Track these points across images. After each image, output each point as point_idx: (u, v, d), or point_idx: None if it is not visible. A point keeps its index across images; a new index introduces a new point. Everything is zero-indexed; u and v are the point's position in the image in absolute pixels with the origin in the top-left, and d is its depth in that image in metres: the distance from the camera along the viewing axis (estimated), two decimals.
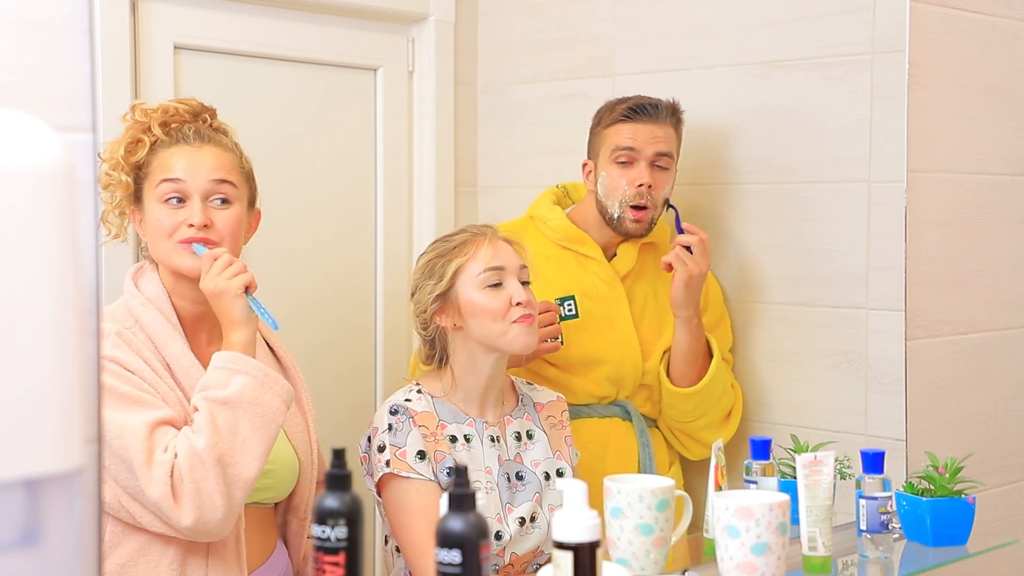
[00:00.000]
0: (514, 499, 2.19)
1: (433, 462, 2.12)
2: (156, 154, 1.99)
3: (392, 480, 2.13)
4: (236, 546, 1.94)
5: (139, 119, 2.00)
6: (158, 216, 1.97)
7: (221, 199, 1.99)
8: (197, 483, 1.80)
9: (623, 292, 2.54)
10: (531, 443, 2.25)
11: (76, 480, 1.26)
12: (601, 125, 2.49)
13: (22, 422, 1.20)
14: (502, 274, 2.17)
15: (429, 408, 2.17)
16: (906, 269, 2.43)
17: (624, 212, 2.46)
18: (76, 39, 1.41)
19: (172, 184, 1.97)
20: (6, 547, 1.22)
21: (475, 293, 2.16)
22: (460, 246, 2.18)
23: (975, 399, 2.63)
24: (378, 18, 2.81)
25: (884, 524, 2.05)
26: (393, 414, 2.15)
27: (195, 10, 2.50)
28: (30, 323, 1.20)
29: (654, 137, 2.45)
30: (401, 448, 2.12)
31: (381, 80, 2.82)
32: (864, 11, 2.45)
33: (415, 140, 2.89)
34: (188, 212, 1.96)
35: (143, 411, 1.83)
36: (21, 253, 1.19)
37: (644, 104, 2.46)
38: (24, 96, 1.38)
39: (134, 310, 1.96)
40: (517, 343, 2.16)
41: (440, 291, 2.17)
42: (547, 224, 2.56)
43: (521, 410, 2.28)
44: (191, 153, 1.99)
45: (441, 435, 2.16)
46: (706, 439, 2.53)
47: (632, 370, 2.51)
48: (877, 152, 2.46)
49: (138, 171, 1.99)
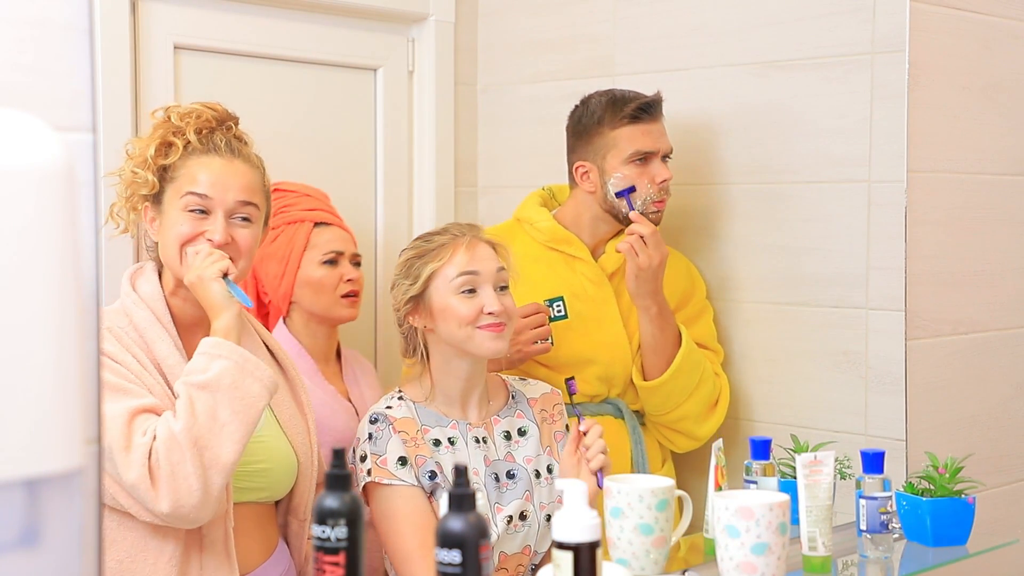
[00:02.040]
0: (503, 498, 2.18)
1: (415, 467, 2.12)
2: (186, 160, 1.99)
3: (375, 488, 2.12)
4: (225, 544, 1.95)
5: (175, 123, 1.99)
6: (178, 224, 1.98)
7: (243, 217, 2.00)
8: (173, 465, 1.81)
9: (611, 291, 2.55)
10: (523, 440, 2.24)
11: (76, 480, 1.26)
12: (604, 125, 2.49)
13: (22, 422, 1.20)
14: (476, 280, 2.15)
15: (410, 414, 2.17)
16: (906, 269, 2.43)
17: (647, 208, 2.48)
18: (76, 39, 1.41)
19: (198, 198, 1.98)
20: (6, 547, 1.22)
21: (448, 298, 2.15)
22: (438, 249, 2.17)
23: (975, 399, 2.63)
24: (378, 18, 2.82)
25: (884, 524, 2.05)
26: (373, 423, 2.15)
27: (195, 10, 2.50)
28: (30, 323, 1.20)
29: (662, 134, 2.51)
30: (382, 456, 2.11)
31: (381, 80, 2.82)
32: (864, 11, 2.45)
33: (415, 140, 2.89)
34: (210, 226, 1.97)
35: (126, 399, 1.84)
36: (21, 253, 1.19)
37: (649, 103, 2.48)
38: (24, 96, 1.38)
39: (128, 309, 1.97)
40: (483, 348, 2.15)
41: (414, 293, 2.16)
42: (534, 226, 2.57)
43: (511, 408, 2.27)
44: (222, 167, 1.99)
45: (423, 440, 2.15)
46: (689, 431, 2.54)
47: (622, 368, 2.52)
48: (877, 152, 2.46)
49: (163, 173, 2.00)
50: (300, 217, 2.46)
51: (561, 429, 2.28)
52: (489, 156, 2.95)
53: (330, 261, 2.47)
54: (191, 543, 1.92)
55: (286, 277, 2.46)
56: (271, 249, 2.45)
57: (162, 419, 1.84)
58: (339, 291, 2.47)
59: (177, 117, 2.00)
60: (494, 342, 2.15)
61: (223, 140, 2.02)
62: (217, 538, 1.94)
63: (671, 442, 2.59)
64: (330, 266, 2.47)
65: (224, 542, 1.95)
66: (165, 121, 2.01)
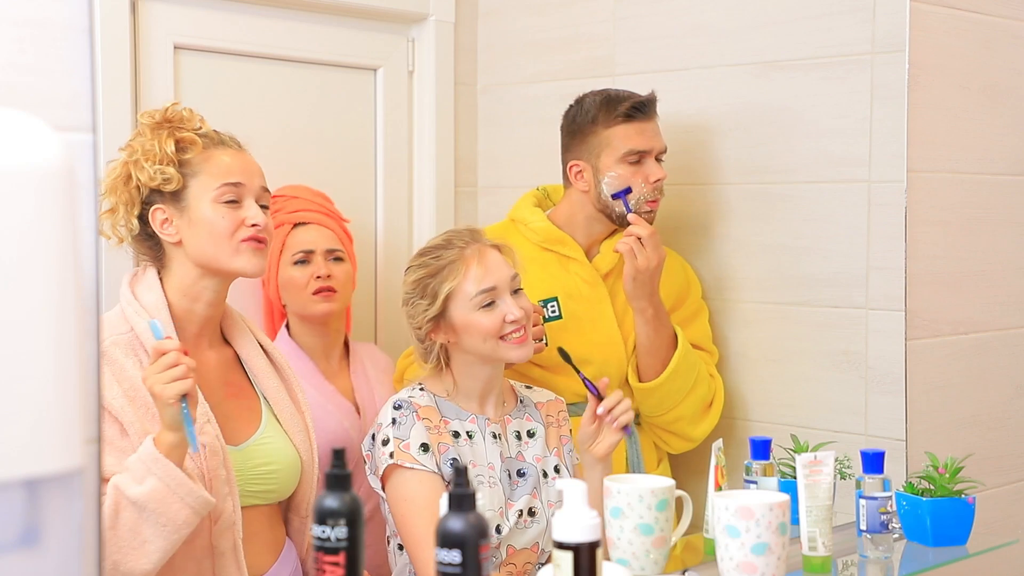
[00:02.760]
0: (514, 494, 2.21)
1: (437, 454, 2.14)
2: (207, 153, 2.00)
3: (396, 471, 2.14)
4: (235, 553, 1.95)
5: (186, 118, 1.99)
6: (215, 216, 1.98)
7: (264, 204, 2.03)
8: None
9: (606, 291, 2.55)
10: (532, 441, 2.27)
11: (76, 480, 1.26)
12: (598, 124, 2.49)
13: (22, 422, 1.20)
14: (494, 293, 2.18)
15: (432, 404, 2.20)
16: (906, 269, 2.43)
17: (641, 207, 2.48)
18: (76, 39, 1.42)
19: (234, 188, 1.99)
20: (6, 547, 1.22)
21: (468, 315, 2.17)
22: (450, 266, 2.18)
23: (975, 399, 2.63)
24: (378, 18, 2.81)
25: (884, 524, 2.05)
26: (397, 408, 2.17)
27: (195, 10, 2.50)
28: (30, 323, 1.20)
29: (656, 133, 2.51)
30: (405, 440, 2.13)
31: (381, 80, 2.82)
32: (864, 11, 2.45)
33: (415, 140, 2.89)
34: (246, 212, 1.99)
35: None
36: (21, 253, 1.19)
37: (643, 102, 2.49)
38: (24, 96, 1.38)
39: (130, 317, 1.95)
40: (510, 357, 2.21)
41: (433, 314, 2.18)
42: (528, 226, 2.57)
43: (521, 410, 2.29)
44: (239, 156, 2.03)
45: (444, 430, 2.18)
46: (684, 432, 2.54)
47: (617, 368, 2.52)
48: (877, 152, 2.46)
49: (183, 168, 1.99)
50: (282, 221, 2.49)
51: (567, 434, 2.31)
52: (489, 156, 2.95)
53: (301, 261, 2.49)
54: (203, 559, 1.92)
55: (271, 281, 2.51)
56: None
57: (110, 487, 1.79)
58: (309, 288, 2.48)
59: (178, 118, 1.99)
60: (520, 351, 2.20)
61: (218, 134, 2.04)
62: (227, 549, 1.94)
63: (666, 443, 2.59)
64: (301, 265, 2.49)
65: (233, 551, 1.95)
66: (165, 120, 1.99)
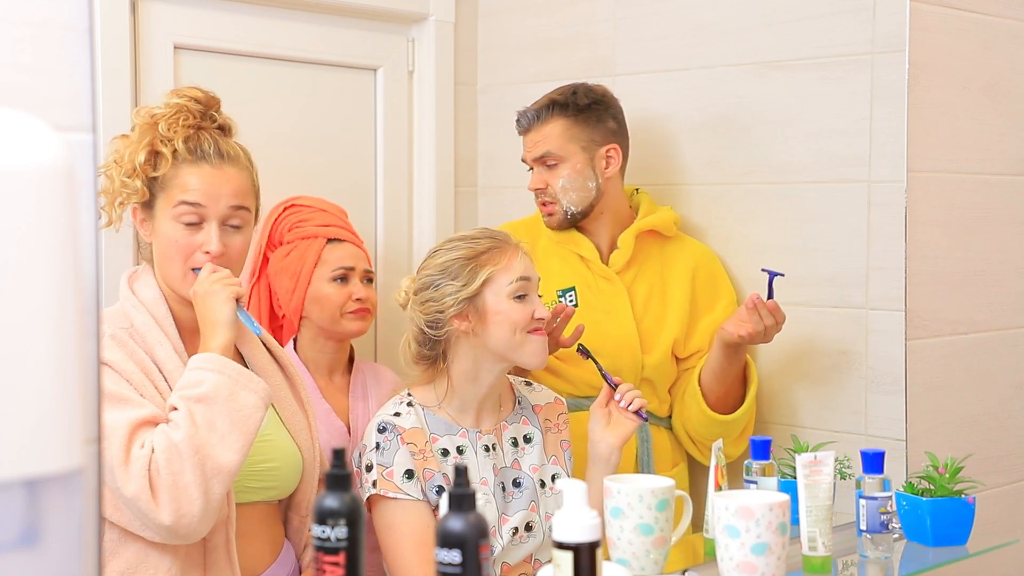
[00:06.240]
0: (508, 508, 2.17)
1: (422, 480, 2.11)
2: (176, 170, 1.98)
3: (379, 501, 2.11)
4: (227, 549, 1.95)
5: (163, 132, 1.97)
6: (172, 235, 1.97)
7: (235, 225, 2.00)
8: (174, 475, 1.80)
9: (623, 287, 2.55)
10: (528, 447, 2.23)
11: (76, 480, 1.26)
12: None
13: (22, 422, 1.20)
14: (528, 286, 2.16)
15: (419, 423, 2.15)
16: (906, 269, 2.43)
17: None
18: (76, 39, 1.41)
19: (192, 208, 1.97)
20: (6, 547, 1.22)
21: (502, 303, 2.14)
22: (489, 252, 2.16)
23: (975, 399, 2.63)
24: (378, 18, 2.81)
25: (884, 524, 2.05)
26: (381, 432, 2.13)
27: (195, 10, 2.50)
28: (30, 323, 1.20)
29: (534, 143, 2.54)
30: (388, 468, 2.10)
31: (381, 80, 2.82)
32: (864, 11, 2.45)
33: (415, 140, 2.89)
34: (204, 237, 1.97)
35: (126, 409, 1.83)
36: (21, 253, 1.19)
37: (518, 115, 2.55)
38: (24, 96, 1.38)
39: (129, 313, 1.96)
40: (532, 359, 2.17)
41: (467, 295, 2.13)
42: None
43: (518, 414, 2.26)
44: (212, 175, 1.98)
45: (431, 450, 2.14)
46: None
47: (631, 363, 2.51)
48: (877, 152, 2.46)
49: (153, 182, 1.98)
50: (313, 233, 2.46)
51: (567, 439, 2.28)
52: (489, 156, 2.95)
53: (340, 278, 2.46)
54: (193, 551, 1.91)
55: (296, 292, 2.46)
56: (284, 264, 2.45)
57: (158, 430, 1.82)
58: (346, 308, 2.46)
59: (165, 126, 1.97)
60: (541, 355, 2.17)
61: (210, 144, 2.00)
62: (219, 543, 1.93)
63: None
64: (340, 283, 2.46)
65: (226, 547, 1.94)
66: (151, 127, 1.98)
